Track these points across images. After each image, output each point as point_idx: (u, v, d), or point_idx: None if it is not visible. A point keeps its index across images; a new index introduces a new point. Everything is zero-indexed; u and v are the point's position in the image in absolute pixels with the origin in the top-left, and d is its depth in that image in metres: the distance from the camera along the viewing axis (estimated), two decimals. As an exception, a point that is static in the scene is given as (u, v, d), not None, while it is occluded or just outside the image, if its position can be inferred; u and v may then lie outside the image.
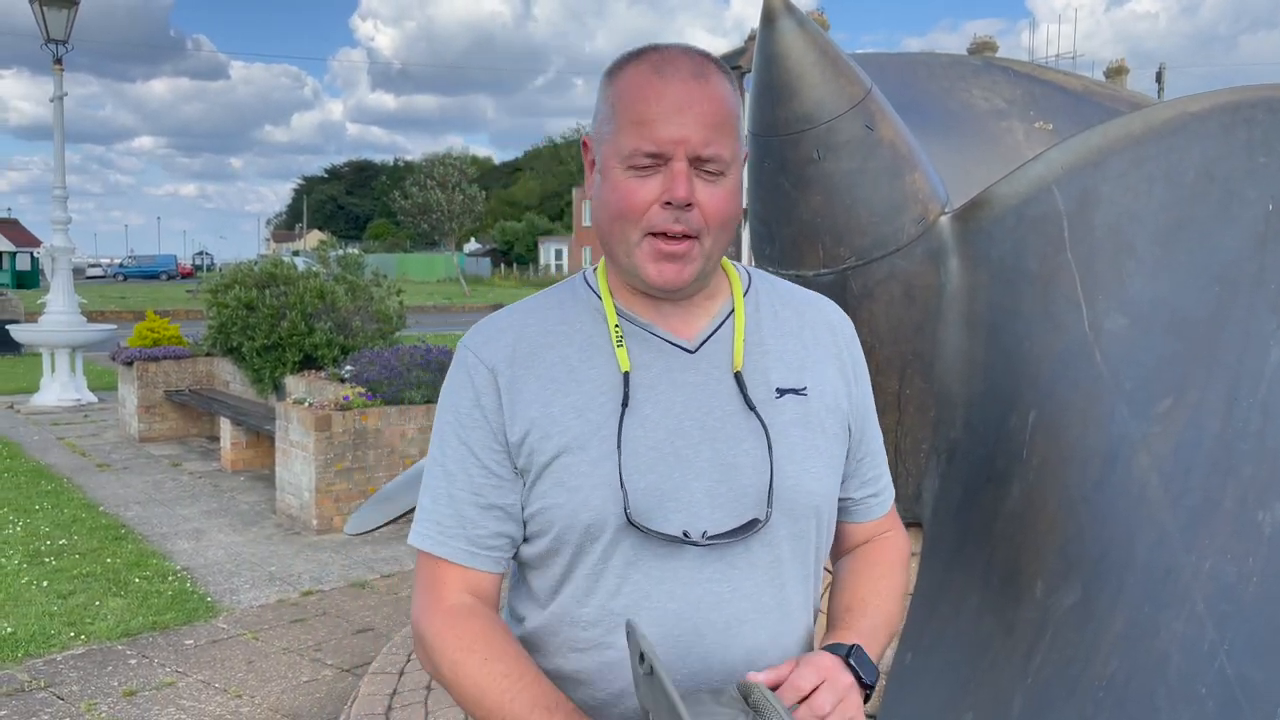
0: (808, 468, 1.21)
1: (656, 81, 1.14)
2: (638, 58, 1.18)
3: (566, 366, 1.20)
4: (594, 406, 1.18)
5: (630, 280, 1.21)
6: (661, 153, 1.13)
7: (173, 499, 7.09)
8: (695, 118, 1.12)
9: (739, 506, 1.18)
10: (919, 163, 2.03)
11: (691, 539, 1.16)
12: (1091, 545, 1.73)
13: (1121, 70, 41.65)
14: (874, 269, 2.02)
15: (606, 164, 1.17)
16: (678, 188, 1.12)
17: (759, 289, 1.30)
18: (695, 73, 1.15)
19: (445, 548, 1.21)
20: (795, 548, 1.23)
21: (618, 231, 1.17)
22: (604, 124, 1.18)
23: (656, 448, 1.17)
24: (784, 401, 1.22)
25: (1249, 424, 1.57)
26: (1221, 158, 1.72)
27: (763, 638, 1.20)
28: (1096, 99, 3.01)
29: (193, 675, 4.10)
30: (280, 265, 8.76)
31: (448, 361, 6.72)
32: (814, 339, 1.29)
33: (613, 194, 1.16)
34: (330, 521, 6.16)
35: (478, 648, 1.16)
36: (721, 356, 1.22)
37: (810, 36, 1.91)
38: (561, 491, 1.17)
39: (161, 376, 9.35)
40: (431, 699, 3.48)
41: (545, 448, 1.17)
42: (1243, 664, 1.47)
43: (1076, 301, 1.86)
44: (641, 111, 1.13)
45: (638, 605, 1.17)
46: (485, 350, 1.23)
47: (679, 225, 1.13)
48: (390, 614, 4.83)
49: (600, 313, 1.23)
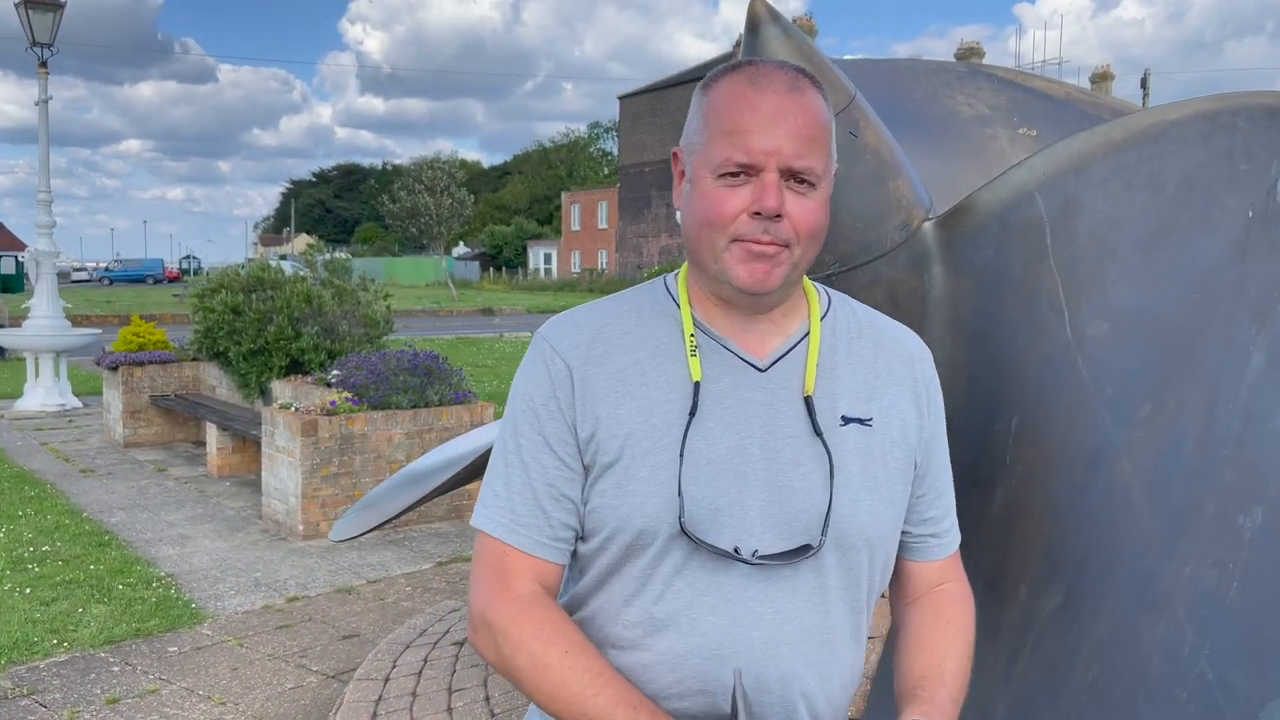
0: (861, 499, 1.21)
1: (751, 93, 1.15)
2: (734, 70, 1.19)
3: (639, 370, 1.21)
4: (660, 413, 1.19)
5: (717, 288, 1.21)
6: (753, 163, 1.13)
7: (157, 505, 7.05)
8: (789, 130, 1.13)
9: (790, 530, 1.18)
10: (903, 169, 2.04)
11: (742, 555, 1.16)
12: (1074, 550, 1.74)
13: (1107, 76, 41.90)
14: (858, 275, 2.02)
15: (697, 173, 1.18)
16: (768, 198, 1.12)
17: (837, 313, 1.30)
18: (790, 86, 1.16)
19: (518, 536, 1.21)
20: (844, 578, 1.22)
21: (705, 238, 1.17)
22: (696, 135, 1.19)
23: (716, 461, 1.18)
24: (848, 430, 1.22)
25: (1229, 430, 1.58)
26: (1202, 165, 1.73)
27: (799, 663, 1.20)
28: (1079, 106, 3.03)
29: (176, 683, 4.08)
30: (267, 269, 8.73)
31: (435, 367, 6.70)
32: (888, 370, 1.28)
33: (701, 202, 1.17)
34: (316, 527, 6.14)
35: (558, 640, 1.16)
36: (790, 378, 1.22)
37: (795, 44, 1.92)
38: (619, 494, 1.18)
39: (147, 381, 9.30)
40: (417, 705, 3.47)
41: (609, 448, 1.18)
42: (1223, 668, 1.47)
43: (1059, 307, 1.86)
44: (735, 121, 1.14)
45: (679, 613, 1.18)
46: (563, 344, 1.23)
47: (767, 236, 1.14)
48: (376, 620, 4.81)
49: (677, 321, 1.24)
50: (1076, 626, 1.69)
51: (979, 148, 2.90)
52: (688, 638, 1.18)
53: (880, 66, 3.29)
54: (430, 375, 6.65)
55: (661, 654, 1.18)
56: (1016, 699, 1.78)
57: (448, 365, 6.86)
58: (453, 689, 3.61)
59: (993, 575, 1.90)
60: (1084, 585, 1.70)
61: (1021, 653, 1.80)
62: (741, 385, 1.21)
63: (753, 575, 1.18)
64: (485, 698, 3.55)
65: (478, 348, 19.18)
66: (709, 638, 1.18)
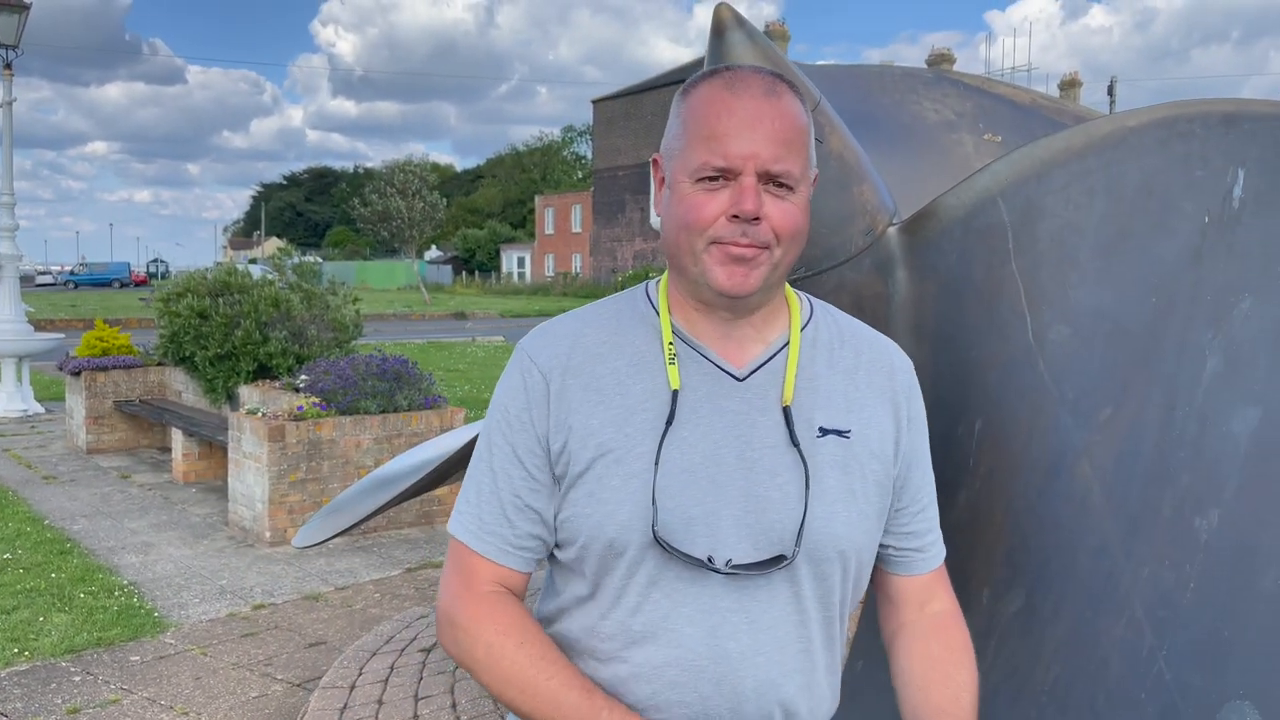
0: (837, 511, 1.21)
1: (728, 97, 1.15)
2: (712, 76, 1.20)
3: (615, 379, 1.21)
4: (635, 421, 1.19)
5: (697, 291, 1.21)
6: (731, 167, 1.14)
7: (121, 512, 6.95)
8: (766, 134, 1.14)
9: (765, 540, 1.18)
10: (867, 174, 2.05)
11: (715, 565, 1.17)
12: (1035, 553, 1.75)
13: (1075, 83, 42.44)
14: (823, 280, 2.03)
15: (675, 178, 1.19)
16: (746, 201, 1.13)
17: (819, 323, 1.30)
18: (767, 90, 1.16)
19: (483, 543, 1.23)
20: (818, 589, 1.23)
21: (684, 242, 1.18)
22: (674, 140, 1.20)
23: (690, 470, 1.18)
24: (825, 442, 1.22)
25: (1186, 433, 1.60)
26: (1159, 171, 1.75)
27: (775, 673, 1.20)
28: (1043, 112, 3.06)
29: (138, 692, 4.02)
30: (234, 273, 8.64)
31: (404, 372, 6.66)
32: (868, 381, 1.28)
33: (680, 206, 1.17)
34: (283, 534, 6.07)
35: (513, 632, 1.19)
36: (768, 388, 1.22)
37: (760, 49, 1.93)
38: (592, 503, 1.18)
39: (111, 386, 9.17)
40: (383, 713, 3.44)
41: (581, 457, 1.19)
42: (1180, 669, 1.49)
43: (1021, 312, 1.88)
44: (712, 126, 1.15)
45: (656, 625, 1.18)
46: (541, 355, 1.24)
47: (745, 238, 1.14)
48: (344, 627, 4.77)
49: (655, 328, 1.24)
50: (1037, 628, 1.70)
51: (944, 153, 2.92)
52: (665, 649, 1.18)
53: (847, 72, 3.31)
54: (399, 380, 6.61)
55: (639, 666, 1.19)
56: (980, 701, 1.79)
57: (417, 370, 6.82)
58: (419, 696, 3.58)
59: (957, 578, 1.90)
60: (1045, 587, 1.71)
61: (984, 655, 1.81)
62: (719, 394, 1.21)
63: (728, 586, 1.18)
64: (452, 704, 3.53)
65: (449, 352, 19.08)
66: (686, 649, 1.18)
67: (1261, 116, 1.68)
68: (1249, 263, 1.62)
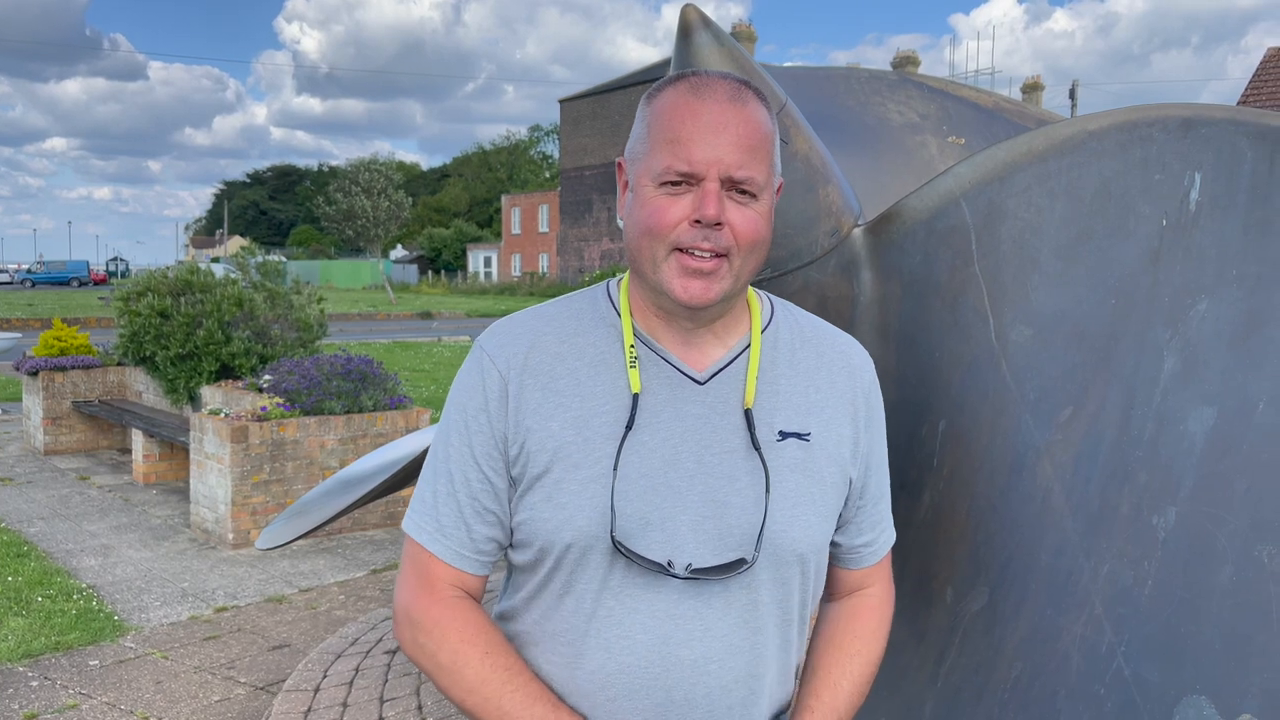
0: (798, 515, 1.21)
1: (694, 102, 1.15)
2: (678, 80, 1.19)
3: (574, 380, 1.20)
4: (594, 424, 1.18)
5: (656, 299, 1.21)
6: (694, 172, 1.13)
7: (79, 514, 6.84)
8: (730, 140, 1.13)
9: (723, 545, 1.18)
10: (832, 176, 2.06)
11: (674, 570, 1.16)
12: (998, 551, 1.77)
13: (1037, 86, 42.96)
14: (789, 281, 2.04)
15: (639, 182, 1.18)
16: (708, 206, 1.12)
17: (780, 324, 1.30)
18: (732, 96, 1.16)
19: (439, 545, 1.22)
20: (776, 593, 1.23)
21: (646, 247, 1.17)
22: (639, 143, 1.19)
23: (649, 475, 1.17)
24: (785, 445, 1.22)
25: (1144, 432, 1.62)
26: (1119, 174, 1.78)
27: (728, 679, 1.20)
28: (1006, 115, 3.09)
29: (97, 697, 3.96)
30: (196, 272, 8.53)
31: (369, 371, 6.61)
32: (829, 382, 1.28)
33: (643, 210, 1.16)
34: (247, 535, 6.01)
35: (480, 641, 1.18)
36: (729, 391, 1.22)
37: (726, 50, 1.93)
38: (549, 506, 1.17)
39: (69, 387, 9.02)
40: (347, 716, 3.41)
41: (539, 460, 1.18)
42: (1139, 665, 1.51)
43: (984, 313, 1.90)
44: (676, 131, 1.14)
45: (609, 631, 1.18)
46: (500, 354, 1.22)
47: (707, 243, 1.14)
48: (308, 629, 4.72)
49: (617, 330, 1.23)
50: (999, 626, 1.72)
51: (909, 155, 2.95)
52: (618, 656, 1.18)
53: (813, 75, 3.33)
54: (365, 380, 6.56)
55: (592, 672, 1.18)
56: (943, 698, 1.81)
57: (383, 370, 6.77)
58: (385, 698, 3.56)
59: (921, 577, 1.93)
60: (1006, 585, 1.73)
61: (948, 653, 1.83)
62: (679, 398, 1.20)
63: (685, 592, 1.17)
64: (418, 706, 3.51)
65: (415, 352, 18.96)
66: (638, 656, 1.17)
67: (1217, 122, 1.71)
68: (1205, 265, 1.65)
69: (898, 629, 1.93)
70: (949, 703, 1.80)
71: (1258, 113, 1.69)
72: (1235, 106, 1.77)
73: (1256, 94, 17.79)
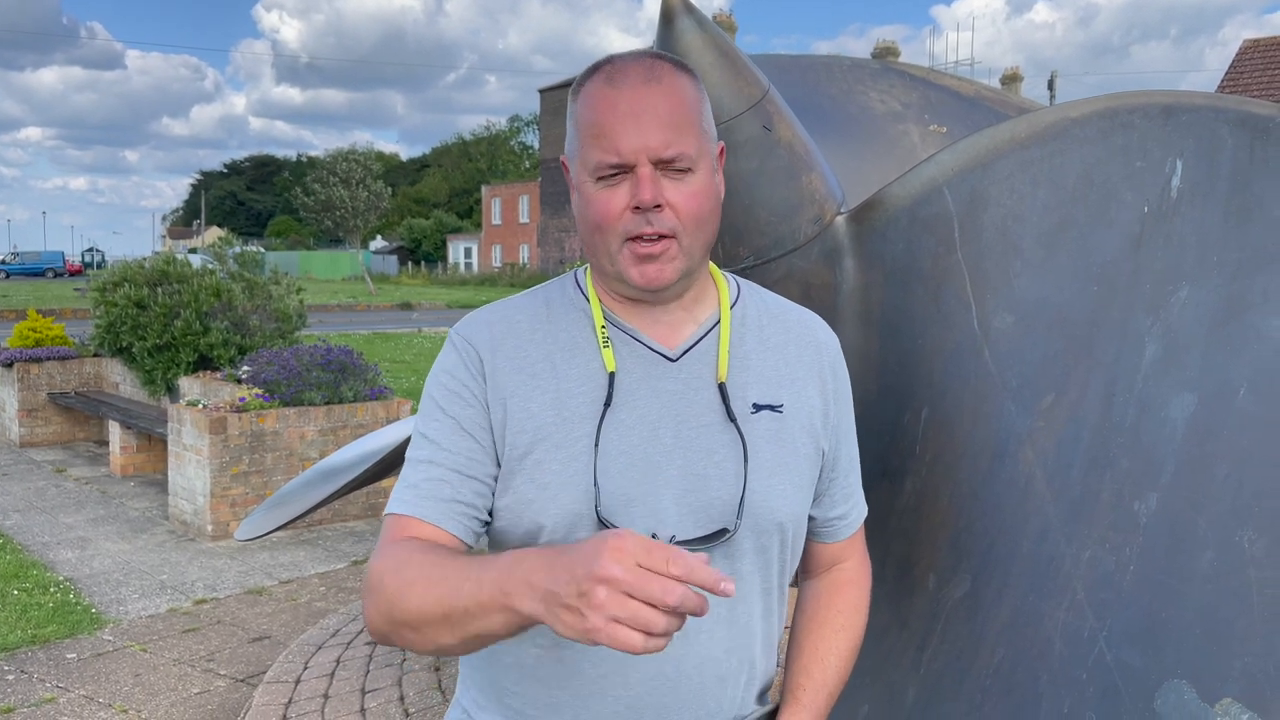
0: (774, 485, 1.22)
1: (609, 92, 1.15)
2: (595, 72, 1.19)
3: (550, 363, 1.21)
4: (571, 405, 1.18)
5: (616, 288, 1.22)
6: (624, 162, 1.13)
7: (56, 506, 6.77)
8: (651, 122, 1.13)
9: (705, 517, 1.19)
10: (816, 163, 2.05)
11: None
12: (980, 538, 1.78)
13: (1016, 77, 43.15)
14: (772, 268, 2.04)
15: (579, 179, 1.18)
16: (643, 192, 1.13)
17: (747, 301, 1.31)
18: (646, 77, 1.15)
19: (414, 507, 1.15)
20: (757, 562, 1.24)
21: (599, 242, 1.17)
22: (572, 142, 1.20)
23: (628, 453, 1.18)
24: (759, 417, 1.23)
25: (1125, 418, 1.63)
26: (1100, 162, 1.78)
27: (717, 649, 1.21)
28: (987, 103, 3.10)
29: (74, 690, 3.92)
30: (173, 262, 8.45)
31: (349, 362, 6.57)
32: (797, 356, 1.29)
33: (588, 207, 1.17)
34: (226, 527, 5.96)
35: (430, 553, 1.07)
36: (702, 367, 1.23)
37: (709, 37, 1.92)
38: (533, 487, 1.17)
39: (44, 378, 8.92)
40: (328, 708, 3.39)
41: (520, 441, 1.18)
42: (1121, 650, 1.52)
43: (966, 300, 1.90)
44: (599, 124, 1.14)
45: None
46: (475, 338, 1.23)
47: (651, 227, 1.14)
48: (288, 621, 4.69)
49: (587, 314, 1.24)
50: (982, 612, 1.73)
51: (891, 143, 2.95)
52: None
53: (796, 63, 3.32)
54: (344, 371, 6.52)
55: (581, 650, 1.18)
56: (926, 684, 1.81)
57: (362, 360, 6.73)
58: (366, 689, 3.54)
59: (903, 564, 1.93)
60: (989, 572, 1.74)
61: (930, 640, 1.84)
62: (654, 376, 1.21)
63: None
64: (400, 697, 3.49)
65: (395, 343, 18.86)
66: None
67: (1198, 109, 1.71)
68: (1186, 252, 1.66)
69: (880, 615, 1.93)
70: (931, 689, 1.80)
71: (1239, 99, 1.70)
72: (1216, 94, 1.78)
73: (1233, 85, 17.95)
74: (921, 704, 1.81)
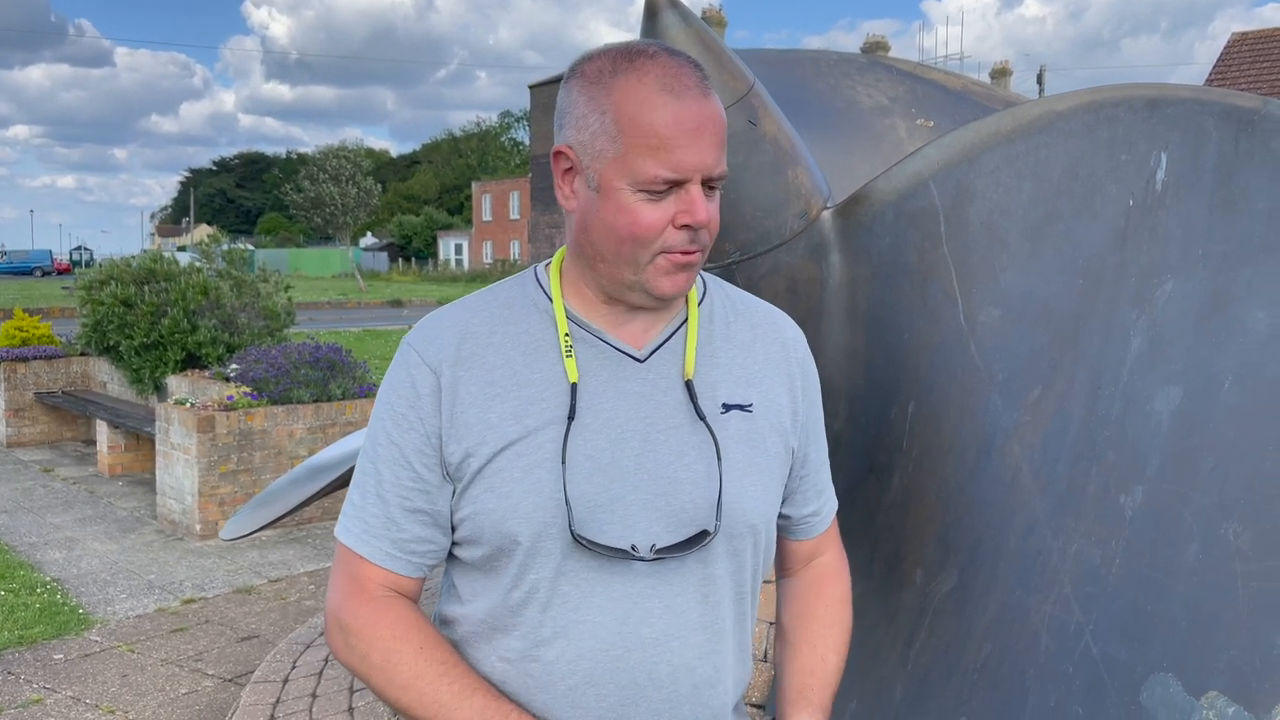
0: (747, 485, 1.20)
1: (673, 103, 1.10)
2: (633, 67, 1.12)
3: (510, 369, 1.17)
4: (534, 413, 1.15)
5: (621, 293, 1.18)
6: (682, 179, 1.11)
7: (43, 506, 6.73)
8: (710, 140, 1.11)
9: (678, 521, 1.16)
10: (801, 158, 2.05)
11: (639, 553, 1.14)
12: (967, 532, 1.78)
13: (1005, 72, 43.20)
14: (758, 263, 2.03)
15: (610, 184, 1.12)
16: (699, 212, 1.11)
17: (714, 298, 1.29)
18: (702, 90, 1.12)
19: (368, 547, 1.18)
20: (730, 565, 1.22)
21: (628, 253, 1.13)
22: (604, 140, 1.12)
23: (594, 458, 1.15)
24: (729, 417, 1.21)
25: (1111, 412, 1.63)
26: (1086, 155, 1.78)
27: (691, 655, 1.19)
28: (974, 97, 3.09)
29: (61, 691, 3.90)
30: (160, 260, 8.41)
31: (338, 360, 6.55)
32: (764, 354, 1.27)
33: (622, 217, 1.12)
34: (214, 526, 5.94)
35: (413, 637, 1.15)
36: (670, 366, 1.20)
37: (694, 30, 1.91)
38: (492, 497, 1.14)
39: (31, 377, 8.87)
40: (316, 707, 3.38)
41: (480, 453, 1.15)
42: (1107, 643, 1.52)
43: (953, 295, 1.90)
44: (661, 136, 1.09)
45: (567, 620, 1.15)
46: (428, 350, 1.18)
47: (695, 245, 1.13)
48: (277, 620, 4.67)
49: (549, 315, 1.20)
50: (969, 607, 1.72)
51: (878, 138, 2.94)
52: (578, 642, 1.15)
53: (782, 57, 3.31)
54: (333, 368, 6.49)
55: (553, 663, 1.16)
56: (913, 679, 1.81)
57: (351, 358, 6.71)
58: (354, 688, 3.53)
59: (891, 559, 1.93)
60: (976, 566, 1.73)
61: (918, 635, 1.83)
62: (620, 377, 1.18)
63: (641, 572, 1.16)
64: (390, 696, 3.48)
65: (385, 340, 18.81)
66: (599, 640, 1.15)
67: (1182, 101, 1.71)
68: (1171, 245, 1.65)
69: (868, 611, 1.93)
70: (919, 684, 1.80)
71: (1223, 92, 1.69)
72: (1200, 86, 1.77)
73: (1221, 78, 18.01)
74: (909, 699, 1.81)
